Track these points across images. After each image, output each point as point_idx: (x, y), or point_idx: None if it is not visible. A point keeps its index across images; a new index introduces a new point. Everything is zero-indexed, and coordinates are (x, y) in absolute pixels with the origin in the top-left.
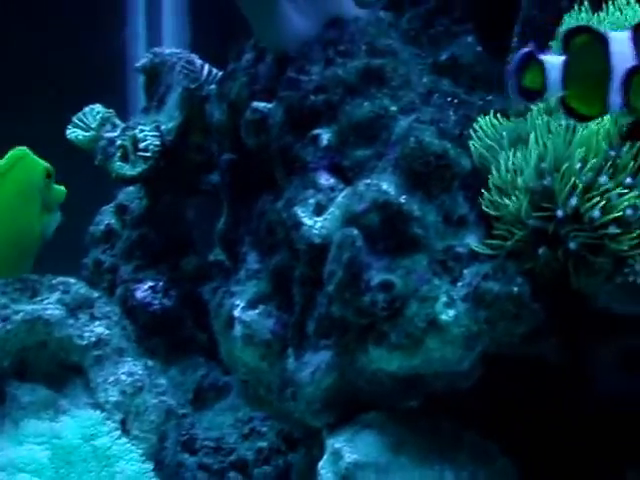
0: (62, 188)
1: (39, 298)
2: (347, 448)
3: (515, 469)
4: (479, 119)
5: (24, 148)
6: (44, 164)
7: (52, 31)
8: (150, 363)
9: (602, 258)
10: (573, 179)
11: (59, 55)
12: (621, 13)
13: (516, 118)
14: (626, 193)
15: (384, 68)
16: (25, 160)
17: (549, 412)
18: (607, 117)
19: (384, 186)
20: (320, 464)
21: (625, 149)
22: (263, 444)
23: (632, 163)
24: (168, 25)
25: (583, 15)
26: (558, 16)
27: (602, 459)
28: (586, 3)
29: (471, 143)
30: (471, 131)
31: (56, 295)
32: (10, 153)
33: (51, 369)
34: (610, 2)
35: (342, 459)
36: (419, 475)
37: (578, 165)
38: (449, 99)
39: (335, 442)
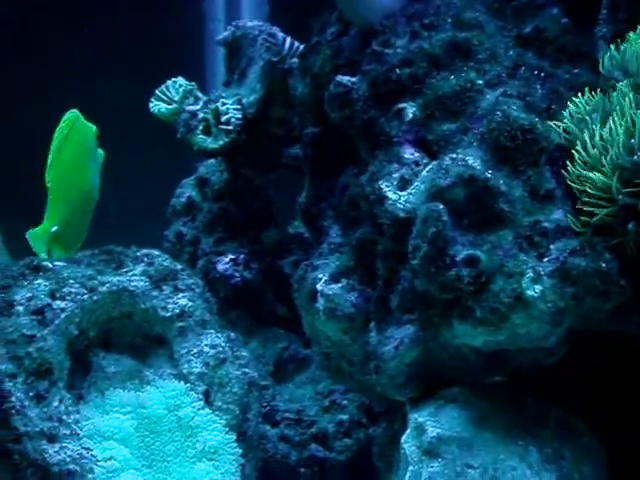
0: (101, 151)
1: (124, 270)
2: (430, 422)
3: (601, 446)
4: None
5: (76, 111)
6: (94, 127)
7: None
8: (233, 335)
9: None
10: None
11: (140, 27)
12: None
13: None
14: None
15: (470, 41)
16: (79, 122)
17: (636, 389)
18: None
19: (470, 161)
20: (403, 438)
21: None
22: (344, 417)
23: None
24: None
25: None
26: None
27: None
28: None
29: (561, 118)
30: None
31: (141, 267)
32: (66, 116)
33: (135, 340)
34: None
35: (425, 433)
36: (503, 450)
37: None
38: (535, 72)
39: (418, 416)
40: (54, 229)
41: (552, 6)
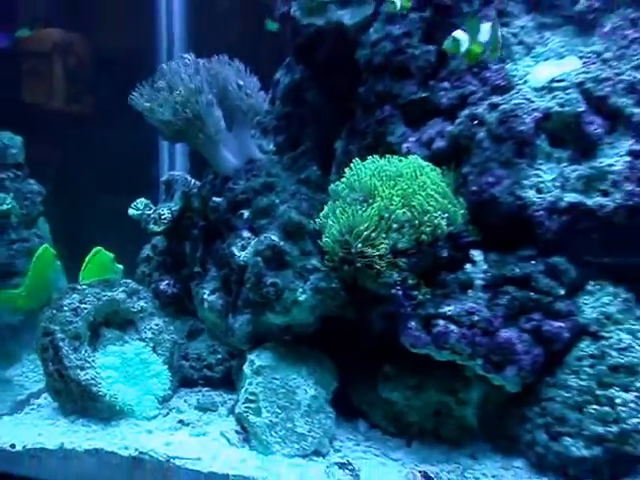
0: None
1: (115, 289)
2: (257, 359)
3: (334, 366)
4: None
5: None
6: (53, 251)
7: None
8: (166, 319)
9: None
10: (358, 235)
11: None
12: None
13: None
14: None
15: (273, 182)
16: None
17: (352, 342)
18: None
19: (273, 237)
20: (244, 366)
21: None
22: (219, 356)
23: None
24: None
25: None
26: None
27: (375, 360)
28: None
29: (315, 218)
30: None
31: (122, 288)
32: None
33: (120, 322)
34: None
35: (254, 363)
36: (290, 371)
37: (362, 227)
38: (304, 197)
39: (251, 356)
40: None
41: (312, 165)
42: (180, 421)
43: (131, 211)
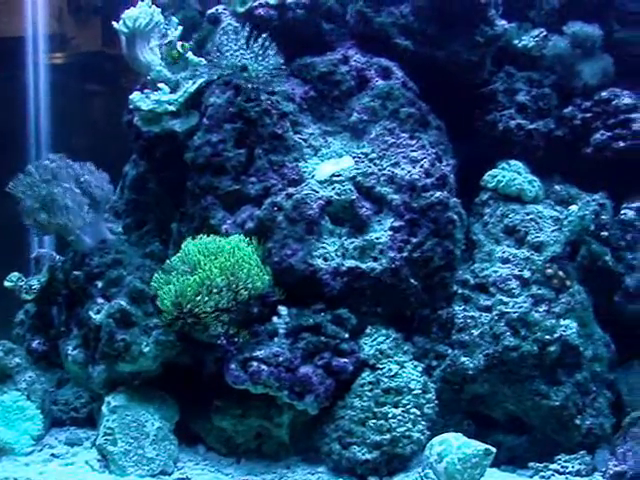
0: None
1: None
2: (112, 400)
3: (175, 402)
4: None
5: None
6: None
7: None
8: (38, 372)
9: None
10: (187, 298)
11: None
12: None
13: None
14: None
15: (121, 259)
16: None
17: (191, 381)
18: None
19: (122, 302)
20: (102, 407)
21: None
22: (83, 400)
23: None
24: None
25: None
26: None
27: (209, 396)
28: None
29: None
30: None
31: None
32: None
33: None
34: None
35: (110, 404)
36: (140, 408)
37: (190, 292)
38: (148, 268)
39: (107, 398)
40: None
41: (155, 239)
42: (52, 454)
43: (6, 283)
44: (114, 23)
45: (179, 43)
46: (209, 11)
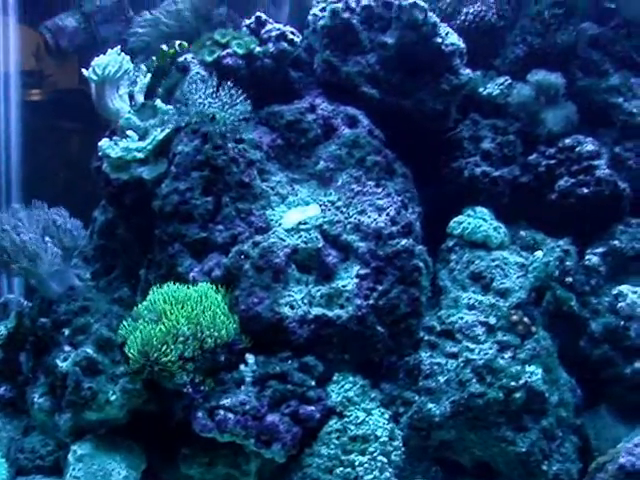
0: None
1: None
2: (78, 449)
3: (142, 450)
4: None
5: None
6: None
7: None
8: (4, 420)
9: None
10: (153, 347)
11: None
12: None
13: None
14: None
15: (89, 306)
16: None
17: (159, 429)
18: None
19: (88, 350)
20: (69, 455)
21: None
22: (49, 448)
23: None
24: None
25: None
26: None
27: (177, 443)
28: None
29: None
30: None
31: None
32: None
33: None
34: None
35: (76, 453)
36: (106, 457)
37: (156, 341)
38: (115, 315)
39: (74, 447)
40: None
41: (124, 284)
42: None
43: None
44: (84, 70)
45: (177, 42)
46: (178, 59)
